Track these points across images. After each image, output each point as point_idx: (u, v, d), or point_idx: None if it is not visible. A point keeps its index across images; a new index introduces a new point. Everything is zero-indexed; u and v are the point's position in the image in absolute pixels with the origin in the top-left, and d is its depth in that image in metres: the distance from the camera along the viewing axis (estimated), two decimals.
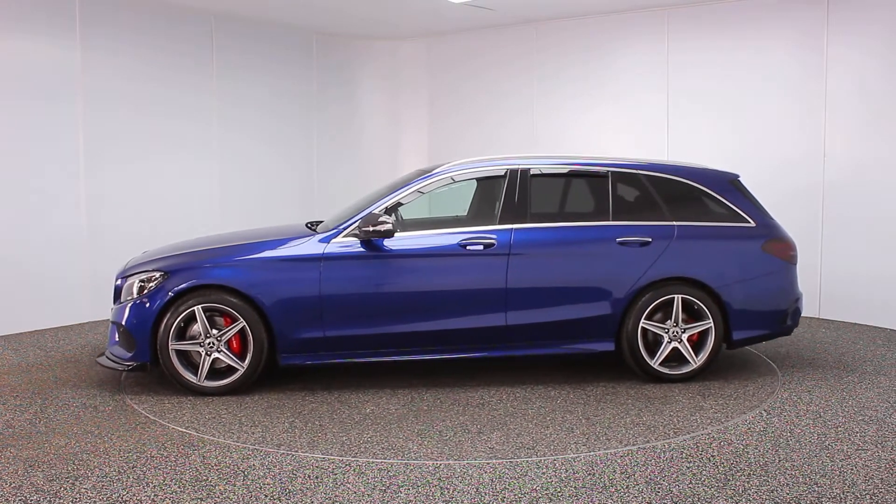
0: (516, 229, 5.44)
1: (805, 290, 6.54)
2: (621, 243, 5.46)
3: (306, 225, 5.89)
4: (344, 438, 4.47)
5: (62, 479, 3.87)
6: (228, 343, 5.25)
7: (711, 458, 4.12)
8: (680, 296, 5.44)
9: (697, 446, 4.29)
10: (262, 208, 9.04)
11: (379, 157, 10.30)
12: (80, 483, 3.82)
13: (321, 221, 5.97)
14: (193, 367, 5.25)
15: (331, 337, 5.30)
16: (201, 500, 3.64)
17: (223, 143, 8.76)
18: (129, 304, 5.29)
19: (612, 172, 5.66)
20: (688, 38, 8.18)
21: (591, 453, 4.20)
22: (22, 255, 7.17)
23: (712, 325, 5.46)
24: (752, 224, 5.63)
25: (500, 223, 5.47)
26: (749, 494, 3.67)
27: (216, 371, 5.28)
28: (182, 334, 5.24)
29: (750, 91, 7.84)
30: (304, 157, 9.71)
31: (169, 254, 5.56)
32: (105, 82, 7.69)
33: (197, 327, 5.20)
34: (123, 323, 5.29)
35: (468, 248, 5.38)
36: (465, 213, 6.17)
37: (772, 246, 5.62)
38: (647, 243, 5.47)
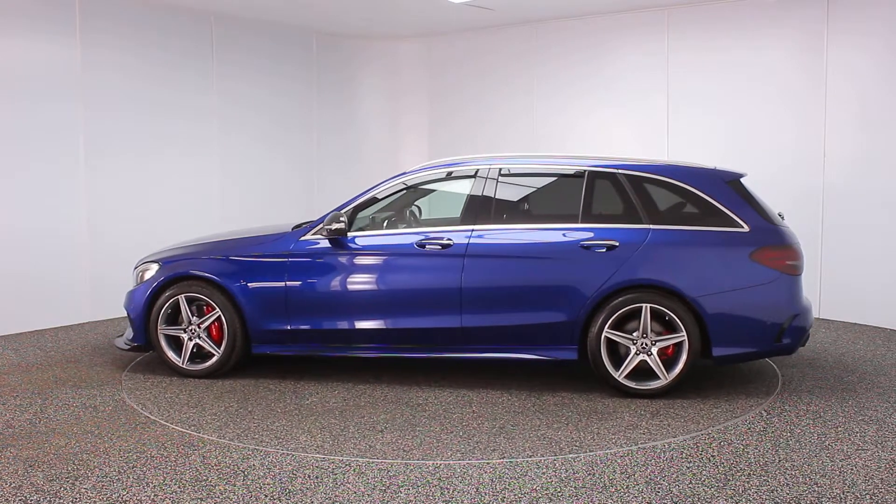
0: (475, 230, 5.36)
1: (805, 290, 6.49)
2: (584, 247, 5.15)
3: (296, 225, 5.97)
4: (251, 425, 4.69)
5: (62, 479, 3.88)
6: (209, 331, 5.65)
7: (711, 458, 4.12)
8: (648, 305, 5.05)
9: (697, 446, 4.29)
10: (263, 208, 9.04)
11: (379, 156, 10.30)
12: (80, 483, 3.82)
13: None
14: (181, 351, 5.70)
15: (295, 330, 5.54)
16: (201, 500, 3.64)
17: (223, 143, 8.76)
18: (132, 291, 5.85)
19: (589, 172, 5.37)
20: (688, 38, 8.18)
21: (591, 453, 4.21)
22: (22, 255, 7.17)
23: (685, 338, 5.03)
24: (745, 229, 5.09)
25: (462, 223, 5.42)
26: (749, 494, 3.67)
27: (205, 356, 5.69)
28: (174, 320, 5.70)
29: (750, 91, 7.83)
30: (304, 157, 9.71)
31: (171, 247, 6.08)
32: (105, 82, 7.69)
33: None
34: (127, 308, 5.86)
35: (426, 247, 5.37)
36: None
37: (763, 254, 5.07)
38: (613, 247, 5.12)
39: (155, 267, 5.79)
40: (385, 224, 5.79)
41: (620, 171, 5.34)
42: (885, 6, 7.05)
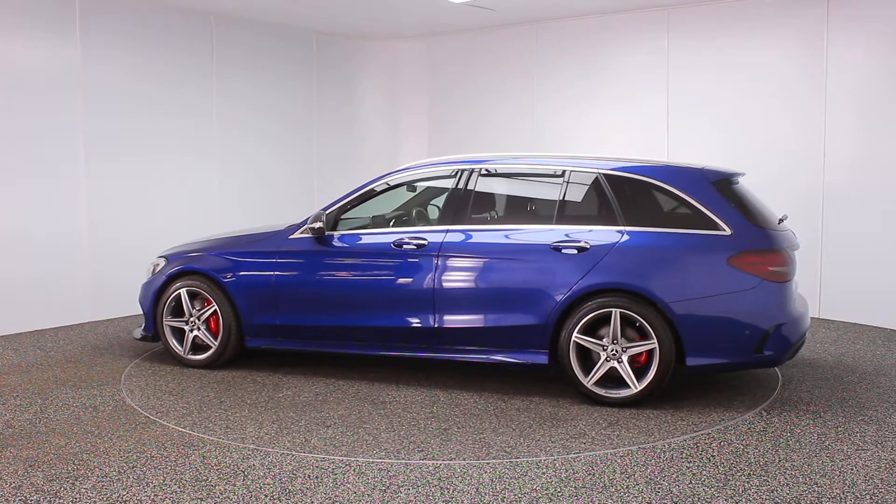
0: (450, 230, 5.34)
1: (805, 291, 6.46)
2: (555, 248, 5.02)
3: (290, 225, 6.04)
4: (213, 415, 4.87)
5: (62, 479, 3.88)
6: (208, 323, 5.88)
7: (711, 458, 4.12)
8: (618, 310, 4.84)
9: (697, 446, 4.29)
10: (263, 207, 9.04)
11: (379, 157, 10.30)
12: (80, 483, 3.82)
13: None
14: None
15: (283, 325, 5.71)
16: (201, 500, 3.64)
17: (223, 143, 8.76)
18: (145, 284, 6.17)
19: (569, 172, 5.25)
20: (688, 38, 8.18)
21: (591, 453, 4.21)
22: (22, 255, 7.16)
23: (657, 345, 4.79)
24: (726, 232, 4.81)
25: (439, 223, 5.43)
26: (749, 494, 3.67)
27: (206, 347, 5.92)
28: (179, 313, 5.95)
29: (750, 91, 7.83)
30: (304, 157, 9.71)
31: (183, 243, 6.39)
32: (105, 82, 7.69)
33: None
34: (140, 300, 6.17)
35: (403, 247, 5.39)
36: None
37: (742, 259, 4.78)
38: (583, 249, 4.95)
39: (163, 262, 6.12)
40: (392, 223, 5.84)
41: (600, 170, 5.17)
42: (885, 6, 7.05)
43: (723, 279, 4.80)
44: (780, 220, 5.25)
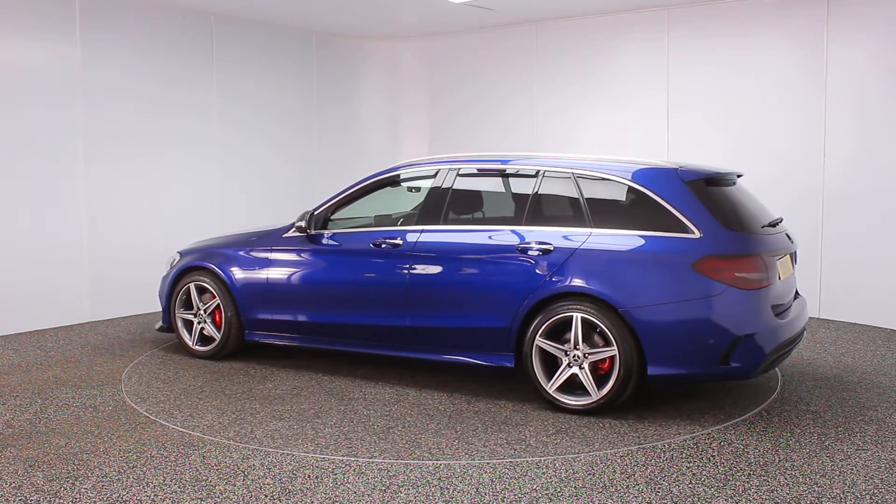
0: (424, 231, 5.36)
1: (805, 291, 6.46)
2: (520, 250, 4.93)
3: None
4: (184, 403, 5.08)
5: (62, 479, 3.88)
6: (213, 317, 6.13)
7: (711, 458, 4.12)
8: (579, 314, 4.70)
9: (697, 446, 4.29)
10: (263, 206, 9.04)
11: (379, 156, 10.28)
12: (80, 483, 3.82)
13: None
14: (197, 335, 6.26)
15: (276, 320, 5.90)
16: (201, 500, 3.64)
17: (223, 142, 8.76)
18: (163, 277, 6.49)
19: (543, 172, 5.14)
20: (688, 38, 8.18)
21: (592, 454, 4.21)
22: (22, 256, 7.16)
23: (617, 352, 4.60)
24: (695, 235, 4.55)
25: (416, 223, 5.46)
26: (749, 494, 3.67)
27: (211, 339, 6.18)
28: (190, 306, 6.25)
29: (750, 90, 7.83)
30: (304, 156, 9.71)
31: (199, 240, 6.68)
32: (105, 82, 7.68)
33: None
34: (159, 293, 6.49)
35: (382, 247, 5.45)
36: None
37: (707, 264, 4.49)
38: (547, 252, 4.84)
39: (178, 257, 6.45)
40: (400, 223, 5.86)
41: (573, 171, 5.03)
42: (885, 5, 7.04)
43: (686, 285, 4.53)
44: (774, 224, 5.07)
